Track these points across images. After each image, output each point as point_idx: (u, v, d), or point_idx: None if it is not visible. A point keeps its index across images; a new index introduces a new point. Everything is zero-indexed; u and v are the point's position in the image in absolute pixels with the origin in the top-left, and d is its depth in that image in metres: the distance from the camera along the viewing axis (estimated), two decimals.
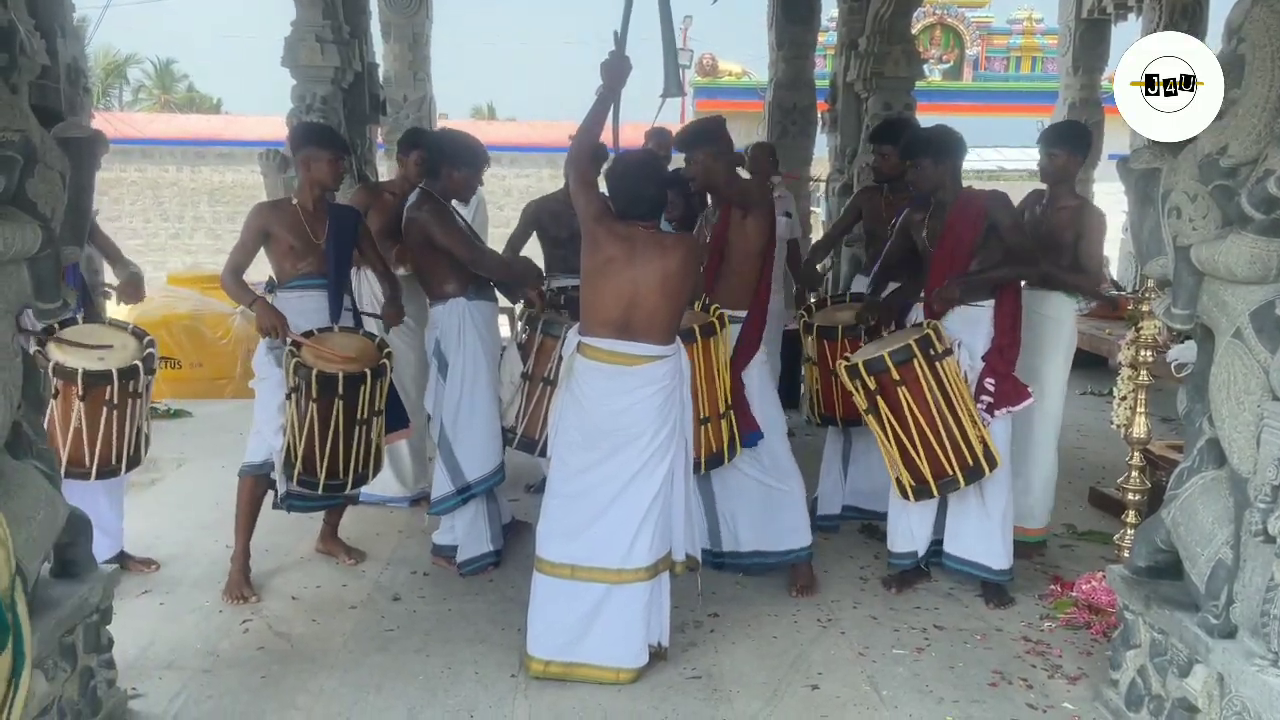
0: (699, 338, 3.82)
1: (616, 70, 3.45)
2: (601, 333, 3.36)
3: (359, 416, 3.92)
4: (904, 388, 3.81)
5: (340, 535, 4.48)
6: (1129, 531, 3.99)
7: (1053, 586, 4.13)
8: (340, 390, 3.82)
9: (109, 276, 6.77)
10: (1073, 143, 4.46)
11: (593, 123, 3.45)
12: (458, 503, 4.23)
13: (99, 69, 30.67)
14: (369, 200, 4.91)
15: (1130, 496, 4.08)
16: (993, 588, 4.03)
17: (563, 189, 4.97)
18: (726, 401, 3.95)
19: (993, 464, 3.87)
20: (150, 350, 4.02)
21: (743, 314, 4.05)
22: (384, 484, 5.04)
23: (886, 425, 3.88)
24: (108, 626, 3.06)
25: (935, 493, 3.89)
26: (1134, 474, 4.09)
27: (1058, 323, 4.41)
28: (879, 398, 3.87)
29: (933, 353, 3.81)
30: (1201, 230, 2.64)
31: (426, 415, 4.55)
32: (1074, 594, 3.98)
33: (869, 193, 5.29)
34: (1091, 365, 7.87)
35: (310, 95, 5.93)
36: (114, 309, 6.39)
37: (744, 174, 4.89)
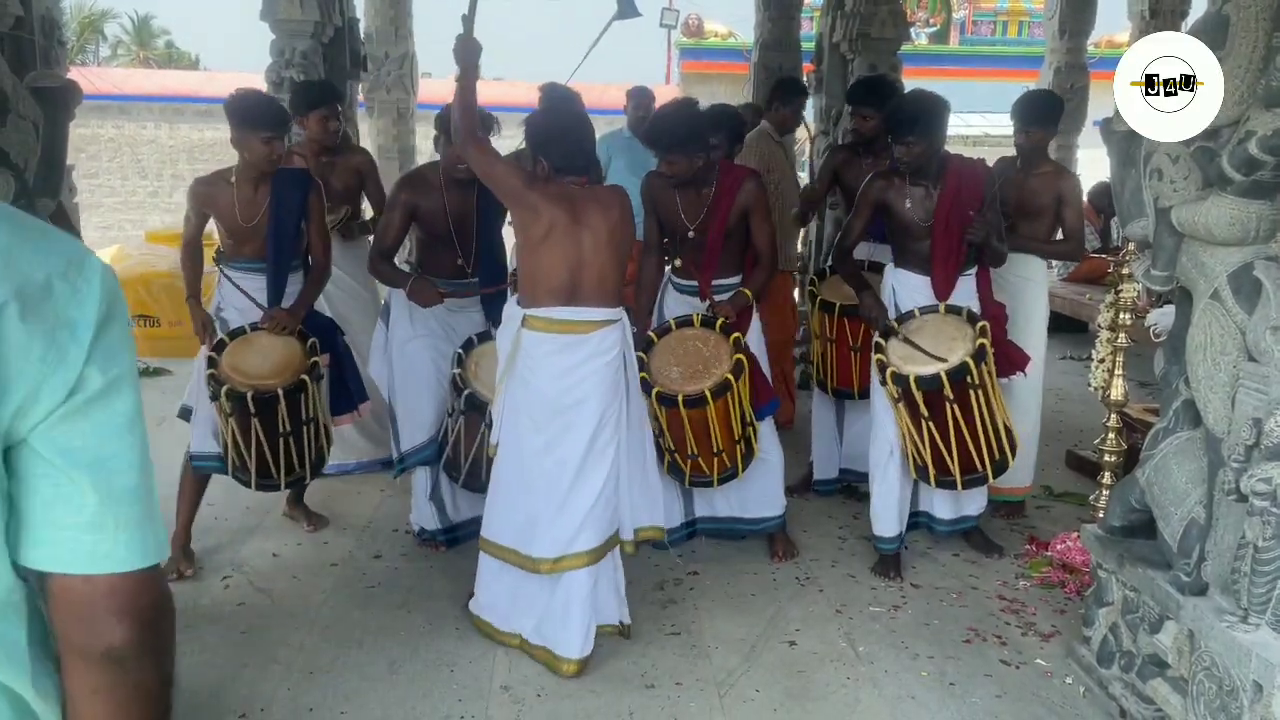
0: (711, 400, 3.65)
1: (468, 52, 3.30)
2: (549, 301, 3.20)
3: (281, 430, 3.69)
4: (954, 404, 3.69)
5: (321, 493, 4.47)
6: (1104, 492, 4.03)
7: (1028, 546, 4.18)
8: (253, 409, 3.61)
9: (86, 236, 6.72)
10: (1046, 118, 4.44)
11: (467, 101, 3.28)
12: (400, 470, 4.15)
13: (75, 24, 30.13)
14: None
15: (1106, 458, 4.12)
16: (979, 536, 4.14)
17: None
18: (744, 422, 3.82)
19: (1015, 451, 3.86)
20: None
21: (735, 279, 4.01)
22: (358, 450, 4.97)
23: (924, 428, 3.76)
24: None
25: (960, 486, 3.85)
26: (1110, 436, 4.13)
27: (1035, 284, 4.45)
28: (922, 406, 3.72)
29: (985, 365, 3.70)
30: (1182, 192, 2.65)
31: None
32: (1049, 554, 4.03)
33: (844, 154, 5.08)
34: (1071, 330, 7.94)
35: (290, 50, 5.81)
36: None
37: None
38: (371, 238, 4.36)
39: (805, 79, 7.57)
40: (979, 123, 23.03)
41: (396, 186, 3.99)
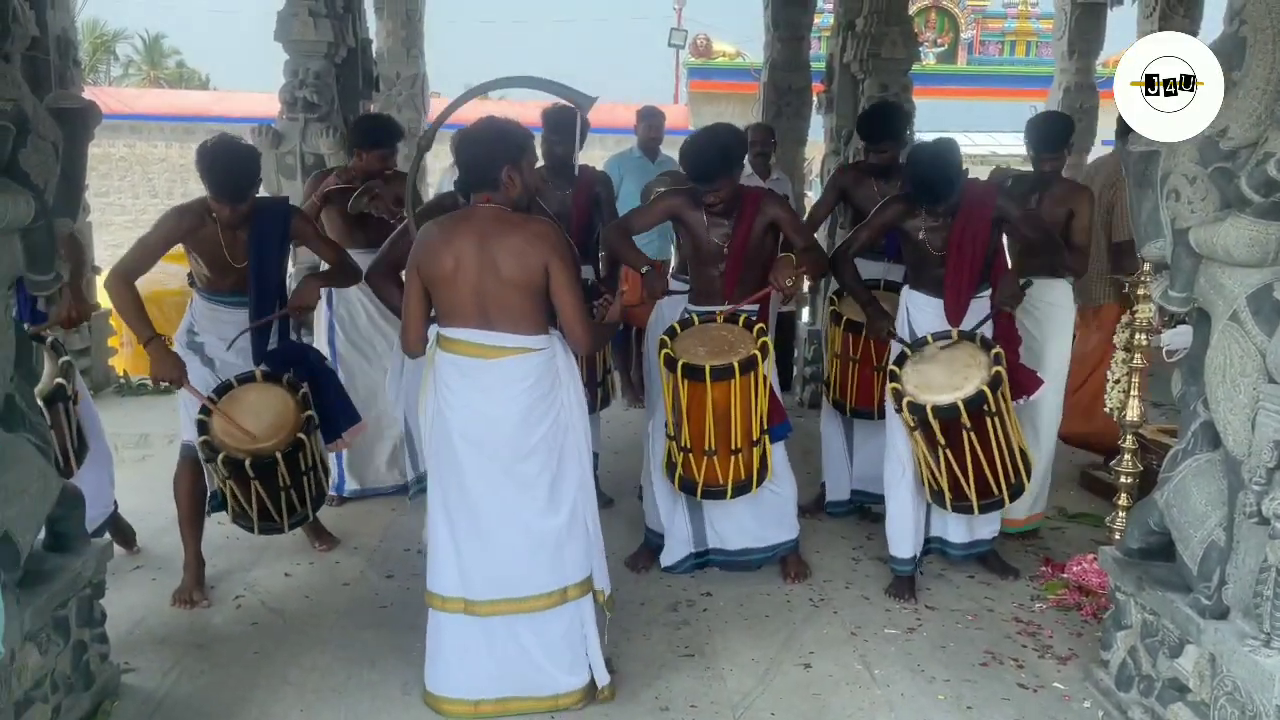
0: (738, 374, 3.67)
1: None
2: (457, 321, 3.01)
3: (281, 485, 3.65)
4: (971, 432, 3.67)
5: (332, 514, 4.46)
6: (1120, 514, 4.00)
7: (1044, 568, 4.15)
8: (251, 474, 3.55)
9: (97, 254, 6.75)
10: (1059, 142, 4.39)
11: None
12: (418, 490, 4.11)
13: (87, 44, 30.37)
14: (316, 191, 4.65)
15: (1122, 479, 4.09)
16: (994, 559, 4.12)
17: (541, 166, 4.54)
18: (762, 426, 3.80)
19: (1030, 473, 3.86)
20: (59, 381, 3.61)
21: (755, 307, 4.01)
22: (376, 475, 4.99)
23: (941, 457, 3.74)
24: (100, 601, 3.06)
25: (976, 511, 3.84)
26: (1126, 457, 4.11)
27: (1065, 309, 4.44)
28: (939, 434, 3.70)
29: (1000, 391, 3.69)
30: (1200, 213, 2.64)
31: None
32: (1065, 575, 4.00)
33: (853, 174, 5.00)
34: None
35: (303, 70, 5.87)
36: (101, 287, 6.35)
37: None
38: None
39: (816, 99, 7.60)
40: (986, 142, 23.05)
41: (420, 214, 3.87)
